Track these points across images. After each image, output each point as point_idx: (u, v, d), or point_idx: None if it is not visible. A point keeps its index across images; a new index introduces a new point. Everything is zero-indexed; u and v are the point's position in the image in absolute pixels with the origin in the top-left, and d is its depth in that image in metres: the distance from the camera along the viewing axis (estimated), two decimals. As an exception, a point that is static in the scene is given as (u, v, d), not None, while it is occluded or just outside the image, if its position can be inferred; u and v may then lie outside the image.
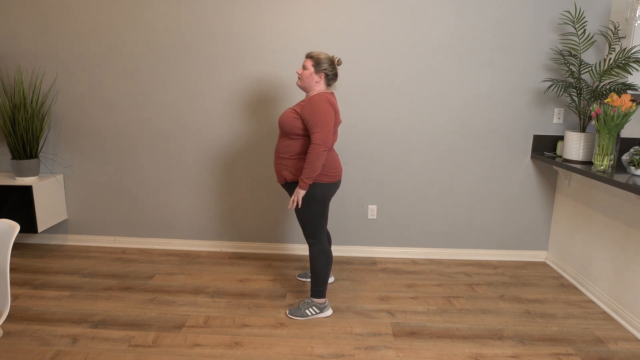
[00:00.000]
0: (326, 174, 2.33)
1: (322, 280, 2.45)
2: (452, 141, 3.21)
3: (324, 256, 2.42)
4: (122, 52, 3.15)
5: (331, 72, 2.32)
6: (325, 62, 2.30)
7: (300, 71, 2.34)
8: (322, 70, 2.29)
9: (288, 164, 2.34)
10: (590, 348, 2.25)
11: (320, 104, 2.21)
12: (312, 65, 2.30)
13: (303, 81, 2.33)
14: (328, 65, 2.30)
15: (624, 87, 2.68)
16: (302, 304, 2.50)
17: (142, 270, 3.05)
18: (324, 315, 2.50)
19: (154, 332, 2.30)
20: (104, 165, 3.34)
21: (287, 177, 2.36)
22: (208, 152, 3.28)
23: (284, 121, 2.29)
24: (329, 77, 2.32)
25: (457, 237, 3.37)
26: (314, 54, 2.32)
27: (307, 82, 2.32)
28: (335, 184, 2.39)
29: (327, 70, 2.30)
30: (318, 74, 2.30)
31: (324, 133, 2.18)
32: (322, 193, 2.34)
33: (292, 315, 2.47)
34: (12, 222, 1.68)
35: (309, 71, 2.30)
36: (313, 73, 2.30)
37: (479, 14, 3.01)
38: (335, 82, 2.37)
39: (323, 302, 2.50)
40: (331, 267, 2.47)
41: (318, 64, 2.29)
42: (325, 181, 2.33)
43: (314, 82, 2.31)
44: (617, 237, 2.57)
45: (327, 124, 2.20)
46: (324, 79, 2.32)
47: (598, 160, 2.54)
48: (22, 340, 2.20)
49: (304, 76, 2.32)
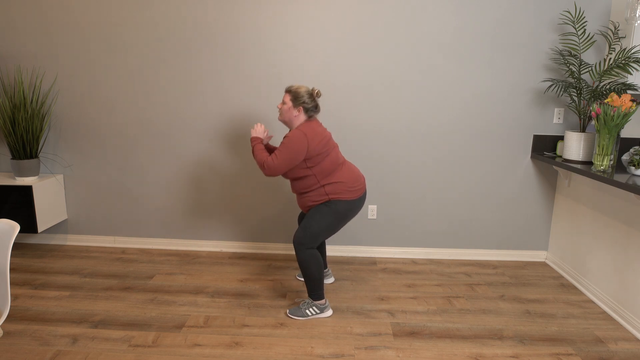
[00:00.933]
0: (348, 190, 2.37)
1: (317, 284, 2.44)
2: (452, 141, 3.21)
3: (314, 260, 2.39)
4: (122, 52, 3.15)
5: (310, 105, 2.36)
6: (303, 96, 2.34)
7: (279, 105, 2.42)
8: (300, 104, 2.34)
9: (311, 195, 2.40)
10: (590, 348, 2.25)
11: (292, 141, 2.27)
12: (290, 100, 2.36)
13: (283, 115, 2.40)
14: (307, 98, 2.35)
15: (624, 87, 2.68)
16: (303, 304, 2.50)
17: (142, 270, 3.05)
18: (325, 315, 2.50)
19: (154, 332, 2.30)
20: (104, 165, 3.34)
21: (313, 205, 2.42)
22: (208, 152, 3.28)
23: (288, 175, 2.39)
24: (308, 109, 2.36)
25: (457, 237, 3.37)
26: (292, 88, 2.37)
27: (286, 116, 2.39)
28: (358, 201, 2.42)
29: (306, 103, 2.35)
30: (296, 108, 2.35)
31: (280, 161, 2.27)
32: (344, 209, 2.38)
33: (292, 315, 2.47)
34: (12, 222, 1.68)
35: (287, 105, 2.37)
36: (291, 107, 2.36)
37: (479, 13, 3.01)
38: (316, 113, 2.43)
39: (323, 303, 2.50)
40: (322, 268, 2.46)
41: (296, 98, 2.34)
42: (348, 198, 2.37)
43: (293, 116, 2.37)
44: (617, 237, 2.57)
45: (289, 158, 2.27)
46: (302, 111, 2.36)
47: (598, 160, 2.54)
48: (22, 340, 2.20)
49: (283, 111, 2.39)
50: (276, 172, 2.31)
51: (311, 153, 2.29)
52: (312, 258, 2.38)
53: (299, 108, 2.34)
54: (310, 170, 2.34)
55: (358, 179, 2.43)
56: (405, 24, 3.04)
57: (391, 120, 3.18)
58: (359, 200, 2.43)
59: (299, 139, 2.27)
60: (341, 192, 2.36)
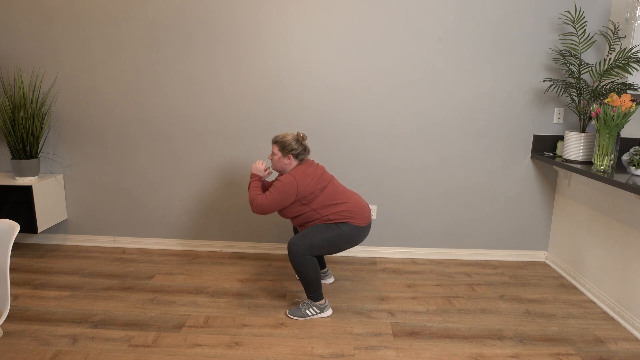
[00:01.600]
0: (355, 217, 2.41)
1: (315, 286, 2.43)
2: (452, 141, 3.21)
3: (312, 264, 2.38)
4: (123, 52, 3.15)
5: (299, 150, 2.43)
6: (290, 144, 2.41)
7: (270, 157, 2.49)
8: (289, 152, 2.41)
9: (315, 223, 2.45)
10: (590, 348, 2.25)
11: (283, 184, 2.34)
12: (278, 150, 2.43)
13: (275, 165, 2.49)
14: (295, 145, 2.42)
15: (624, 87, 2.68)
16: (303, 304, 2.50)
17: (142, 270, 3.05)
18: (324, 315, 2.50)
19: (154, 332, 2.30)
20: (104, 165, 3.34)
21: None
22: (208, 151, 3.28)
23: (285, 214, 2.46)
24: (297, 155, 2.44)
25: (457, 237, 3.37)
26: (278, 138, 2.44)
27: (278, 166, 2.48)
28: (365, 228, 2.46)
29: (294, 150, 2.42)
30: (286, 156, 2.42)
31: (269, 201, 2.34)
32: (349, 232, 2.40)
33: (292, 315, 2.47)
34: (12, 222, 1.68)
35: (277, 156, 2.45)
36: (281, 157, 2.43)
37: (479, 14, 3.01)
38: (307, 155, 2.50)
39: (323, 303, 2.50)
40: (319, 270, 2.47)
41: (284, 148, 2.42)
42: (357, 223, 2.41)
43: (285, 164, 2.46)
44: (617, 237, 2.57)
45: (278, 200, 2.34)
46: (293, 158, 2.43)
47: (598, 160, 2.54)
48: (22, 340, 2.20)
49: (274, 161, 2.48)
50: (264, 211, 2.38)
51: (303, 193, 2.36)
52: (310, 263, 2.37)
53: (289, 156, 2.43)
54: (308, 206, 2.41)
55: (364, 208, 2.48)
56: (405, 24, 3.04)
57: (391, 120, 3.18)
58: (365, 228, 2.47)
59: (288, 183, 2.35)
60: (347, 217, 2.40)
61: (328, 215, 2.40)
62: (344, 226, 2.40)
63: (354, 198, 2.47)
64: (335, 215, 2.40)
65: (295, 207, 2.41)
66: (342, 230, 2.39)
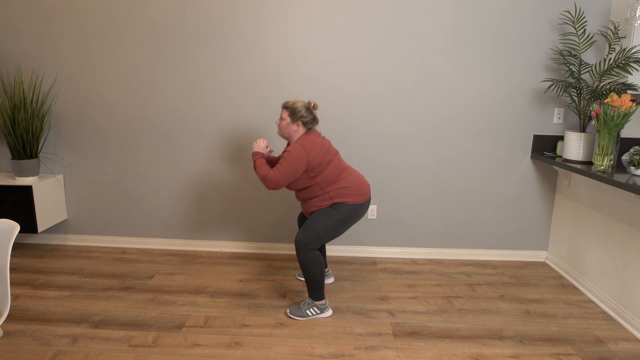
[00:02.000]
0: (354, 194, 2.39)
1: (319, 284, 2.44)
2: (452, 141, 3.21)
3: (316, 261, 2.39)
4: (123, 52, 3.15)
5: (308, 118, 2.39)
6: (300, 110, 2.37)
7: (278, 122, 2.44)
8: (298, 119, 2.37)
9: (315, 201, 2.43)
10: (590, 348, 2.25)
11: (292, 155, 2.30)
12: (288, 116, 2.39)
13: (282, 131, 2.43)
14: (304, 112, 2.37)
15: (624, 87, 2.68)
16: (303, 304, 2.50)
17: (142, 270, 3.05)
18: (325, 315, 2.50)
19: (154, 332, 2.30)
20: (104, 165, 3.34)
21: (317, 209, 2.44)
22: (208, 152, 3.28)
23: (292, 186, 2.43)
24: (306, 123, 2.39)
25: (457, 237, 3.37)
26: (289, 104, 2.39)
27: (285, 132, 2.43)
28: (363, 205, 2.45)
29: (304, 117, 2.37)
30: (295, 123, 2.38)
31: (278, 180, 2.30)
32: (348, 212, 2.39)
33: (292, 315, 2.47)
34: (12, 222, 1.68)
35: (285, 121, 2.40)
36: (290, 123, 2.39)
37: (479, 14, 3.01)
38: (315, 125, 2.46)
39: (324, 303, 2.50)
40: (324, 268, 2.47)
41: (293, 114, 2.37)
42: (352, 202, 2.39)
43: (292, 131, 2.41)
44: (617, 237, 2.57)
45: (290, 171, 2.30)
46: (301, 126, 2.39)
47: (598, 160, 2.54)
48: (22, 340, 2.20)
49: (282, 126, 2.42)
50: (278, 185, 2.33)
51: (312, 164, 2.33)
52: (314, 259, 2.38)
53: (298, 122, 2.38)
54: (314, 179, 2.37)
55: (363, 185, 2.46)
56: (405, 24, 3.04)
57: (391, 120, 3.18)
58: (364, 204, 2.45)
59: (298, 152, 2.30)
60: (346, 195, 2.39)
61: (329, 192, 2.39)
62: (343, 207, 2.38)
63: (354, 174, 2.46)
64: (335, 192, 2.38)
65: (302, 179, 2.37)
66: (341, 213, 2.38)
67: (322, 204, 2.41)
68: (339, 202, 2.39)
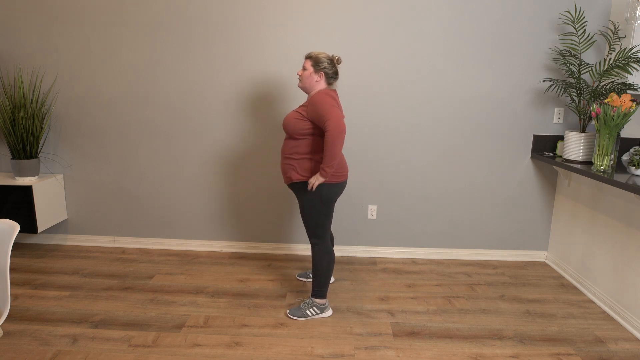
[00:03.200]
0: (334, 174, 2.33)
1: (324, 281, 2.45)
2: (452, 141, 3.21)
3: (327, 257, 2.42)
4: (123, 52, 3.15)
5: (331, 71, 2.33)
6: (324, 61, 2.31)
7: (300, 72, 2.37)
8: (321, 69, 2.31)
9: (294, 164, 2.35)
10: (590, 348, 2.25)
11: (319, 98, 2.23)
12: (311, 65, 2.32)
13: (303, 82, 2.35)
14: (327, 64, 2.31)
15: (624, 87, 2.68)
16: (303, 304, 2.50)
17: (142, 270, 3.05)
18: (325, 315, 2.50)
19: (154, 332, 2.30)
20: (104, 165, 3.34)
21: (293, 177, 2.36)
22: (208, 151, 3.28)
23: (288, 123, 2.32)
24: (329, 75, 2.33)
25: (457, 237, 3.37)
26: (313, 54, 2.33)
27: (307, 83, 2.34)
28: (341, 184, 2.39)
29: (327, 69, 2.31)
30: (317, 73, 2.32)
31: (334, 119, 2.16)
32: (327, 193, 2.35)
33: (292, 315, 2.47)
34: (12, 222, 1.68)
35: (308, 71, 2.32)
36: (312, 73, 2.32)
37: (479, 14, 3.01)
38: (336, 81, 2.40)
39: (324, 303, 2.50)
40: (333, 268, 2.47)
41: (317, 64, 2.30)
42: (333, 181, 2.33)
43: (314, 82, 2.33)
44: (617, 237, 2.57)
45: (333, 110, 2.19)
46: (324, 77, 2.33)
47: (598, 160, 2.53)
48: (22, 340, 2.20)
49: (304, 77, 2.34)
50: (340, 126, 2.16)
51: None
52: (326, 255, 2.42)
53: (320, 74, 2.31)
54: (311, 136, 2.30)
55: (344, 166, 2.39)
56: (405, 24, 3.04)
57: (391, 120, 3.18)
58: (341, 185, 2.38)
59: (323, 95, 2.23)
60: None
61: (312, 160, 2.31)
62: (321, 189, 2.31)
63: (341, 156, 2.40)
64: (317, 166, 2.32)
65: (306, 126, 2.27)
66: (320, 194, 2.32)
67: (299, 174, 2.33)
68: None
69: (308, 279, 2.93)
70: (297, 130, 2.30)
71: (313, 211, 2.37)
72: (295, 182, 2.37)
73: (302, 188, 2.36)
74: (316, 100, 2.23)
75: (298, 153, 2.34)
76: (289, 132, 2.33)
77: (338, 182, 2.36)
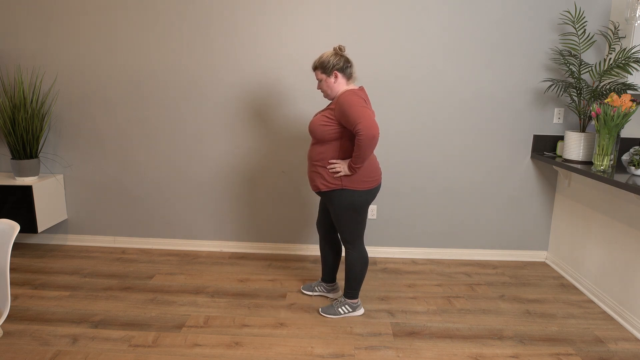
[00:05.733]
0: (365, 180, 2.24)
1: (357, 283, 2.45)
2: (452, 141, 3.21)
3: (361, 261, 2.39)
4: (122, 52, 3.15)
5: (341, 63, 2.21)
6: (329, 60, 2.21)
7: (318, 86, 2.31)
8: (332, 70, 2.22)
9: (322, 172, 2.27)
10: (590, 348, 2.25)
11: (347, 99, 2.12)
12: (322, 73, 2.24)
13: (325, 92, 2.28)
14: (334, 60, 2.21)
15: (624, 87, 2.68)
16: (335, 302, 2.52)
17: (142, 270, 3.05)
18: (357, 313, 2.51)
19: (154, 332, 2.30)
20: (104, 165, 3.34)
21: (321, 187, 2.29)
22: (208, 152, 3.28)
23: (314, 127, 2.24)
24: (342, 68, 2.22)
25: (457, 237, 3.37)
26: (316, 62, 2.26)
27: (328, 89, 2.26)
28: (374, 190, 2.30)
29: (336, 64, 2.22)
30: (332, 76, 2.23)
31: (365, 121, 2.05)
32: (361, 200, 2.27)
33: (325, 313, 2.48)
34: (12, 222, 1.68)
35: (323, 81, 2.25)
36: (327, 78, 2.24)
37: (479, 14, 3.01)
38: (352, 68, 2.27)
39: (356, 302, 2.51)
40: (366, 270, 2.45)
41: (325, 68, 2.22)
42: (364, 188, 2.25)
43: (334, 85, 2.24)
44: (617, 237, 2.57)
45: (363, 111, 2.08)
46: (340, 75, 2.23)
47: (598, 160, 2.54)
48: (22, 340, 2.20)
49: (323, 87, 2.27)
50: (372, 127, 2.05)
51: None
52: (359, 259, 2.39)
53: (334, 73, 2.21)
54: (339, 141, 2.21)
55: (376, 170, 2.30)
56: (405, 24, 3.04)
57: (391, 120, 3.18)
58: (373, 190, 2.30)
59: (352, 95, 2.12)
60: (354, 181, 2.23)
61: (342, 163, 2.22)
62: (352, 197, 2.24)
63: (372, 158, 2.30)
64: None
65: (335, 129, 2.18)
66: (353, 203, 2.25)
67: (328, 183, 2.25)
68: (347, 188, 2.23)
69: (315, 293, 2.75)
70: (324, 135, 2.21)
71: (346, 219, 2.30)
72: (324, 192, 2.30)
73: (332, 196, 2.28)
74: (343, 102, 2.12)
75: (325, 159, 2.25)
76: (316, 137, 2.24)
77: (370, 189, 2.27)
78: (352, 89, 2.20)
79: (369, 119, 2.06)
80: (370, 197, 2.30)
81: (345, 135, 2.21)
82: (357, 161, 2.15)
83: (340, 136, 2.21)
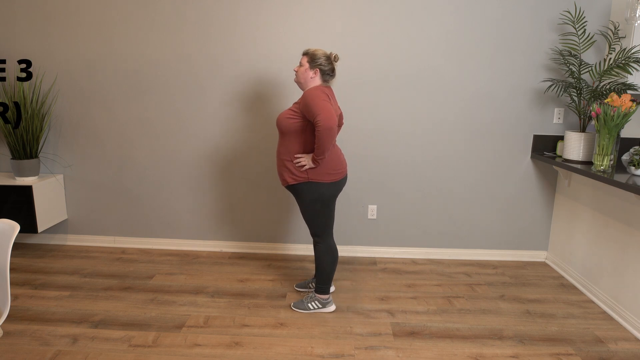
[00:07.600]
0: (330, 173, 2.32)
1: (326, 278, 2.47)
2: (452, 141, 3.21)
3: (330, 254, 2.44)
4: (122, 52, 3.15)
5: (327, 67, 2.32)
6: (320, 58, 2.30)
7: (296, 68, 2.37)
8: (317, 66, 2.30)
9: (289, 166, 2.34)
10: (590, 348, 2.25)
11: (311, 94, 2.21)
12: (307, 62, 2.32)
13: (298, 77, 2.35)
14: (324, 61, 2.30)
15: (624, 87, 2.68)
16: (306, 297, 2.56)
17: (142, 270, 3.05)
18: (326, 310, 2.51)
19: (154, 332, 2.30)
20: (104, 165, 3.34)
21: (289, 180, 2.36)
22: (208, 151, 3.28)
23: (280, 120, 2.32)
24: (324, 72, 2.32)
25: (457, 237, 3.37)
26: (310, 50, 2.34)
27: (302, 78, 2.34)
28: (340, 182, 2.39)
29: (323, 65, 2.30)
30: (313, 70, 2.31)
31: (324, 113, 2.14)
32: (327, 192, 2.35)
33: (295, 308, 2.53)
34: (12, 222, 1.68)
35: (304, 67, 2.32)
36: (308, 69, 2.32)
37: (479, 14, 3.01)
38: (332, 79, 2.38)
39: (326, 298, 2.52)
40: (336, 265, 2.48)
41: (313, 60, 2.30)
42: (329, 180, 2.33)
43: (309, 78, 2.32)
44: (617, 237, 2.57)
45: (324, 105, 2.16)
46: (319, 74, 2.32)
47: (598, 160, 2.54)
48: (22, 340, 2.20)
49: (299, 72, 2.34)
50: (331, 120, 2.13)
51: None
52: (328, 252, 2.44)
53: (316, 70, 2.30)
54: (302, 134, 2.28)
55: (341, 163, 2.37)
56: (405, 24, 3.04)
57: (391, 120, 3.18)
58: (338, 183, 2.37)
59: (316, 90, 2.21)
60: (319, 174, 2.30)
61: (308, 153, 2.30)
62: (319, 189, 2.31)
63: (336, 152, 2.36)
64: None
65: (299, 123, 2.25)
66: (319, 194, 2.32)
67: (295, 176, 2.31)
68: (313, 181, 2.30)
69: (306, 290, 2.81)
70: (289, 127, 2.29)
71: (312, 211, 2.38)
72: (292, 185, 2.37)
73: (298, 189, 2.36)
74: (307, 96, 2.21)
75: (291, 153, 2.33)
76: (282, 129, 2.32)
77: (334, 181, 2.35)
78: (320, 86, 2.29)
79: (328, 112, 2.15)
80: (336, 190, 2.38)
81: (309, 130, 2.28)
82: (318, 153, 2.21)
83: (304, 129, 2.28)
